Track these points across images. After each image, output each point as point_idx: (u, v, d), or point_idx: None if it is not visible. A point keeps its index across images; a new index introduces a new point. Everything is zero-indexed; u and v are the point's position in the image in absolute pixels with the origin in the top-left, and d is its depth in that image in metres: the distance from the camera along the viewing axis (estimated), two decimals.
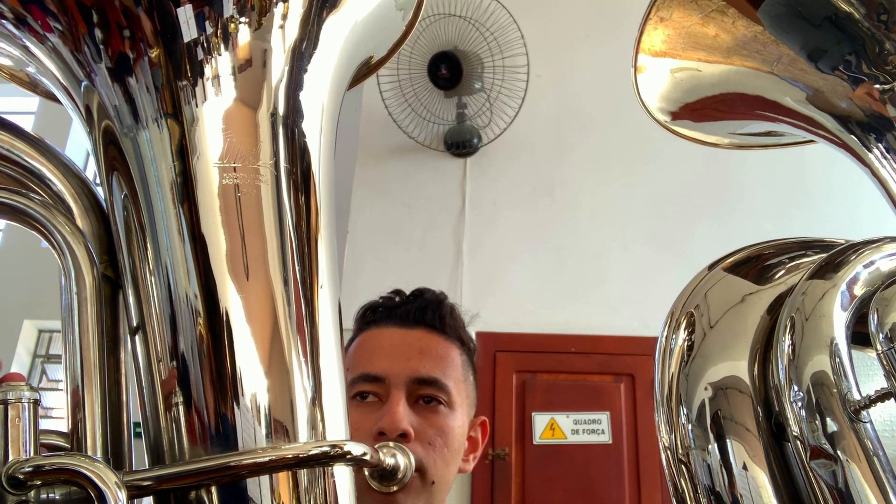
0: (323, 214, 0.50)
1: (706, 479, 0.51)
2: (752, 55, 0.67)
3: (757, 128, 0.79)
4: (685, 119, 0.80)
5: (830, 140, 0.68)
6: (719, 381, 0.53)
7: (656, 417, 0.55)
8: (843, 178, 3.63)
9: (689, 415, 0.53)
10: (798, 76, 0.65)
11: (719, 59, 0.70)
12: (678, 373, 0.54)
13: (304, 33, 0.51)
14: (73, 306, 0.46)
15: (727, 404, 0.52)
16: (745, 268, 0.59)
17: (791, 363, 0.49)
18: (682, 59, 0.72)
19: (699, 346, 0.55)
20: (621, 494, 3.12)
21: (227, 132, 0.47)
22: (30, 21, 0.47)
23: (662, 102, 0.78)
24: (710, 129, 0.82)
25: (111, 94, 0.47)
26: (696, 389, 0.53)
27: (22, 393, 0.41)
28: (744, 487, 0.49)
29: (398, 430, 0.80)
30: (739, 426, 0.51)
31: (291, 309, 0.46)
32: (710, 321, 0.55)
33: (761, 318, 0.55)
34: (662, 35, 0.72)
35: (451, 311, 0.93)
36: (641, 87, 0.77)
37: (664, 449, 0.54)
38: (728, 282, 0.58)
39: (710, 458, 0.51)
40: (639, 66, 0.75)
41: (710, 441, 0.51)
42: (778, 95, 0.68)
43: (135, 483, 0.40)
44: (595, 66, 3.89)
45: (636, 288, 3.48)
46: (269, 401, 0.44)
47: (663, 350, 0.56)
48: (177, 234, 0.45)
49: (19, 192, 0.47)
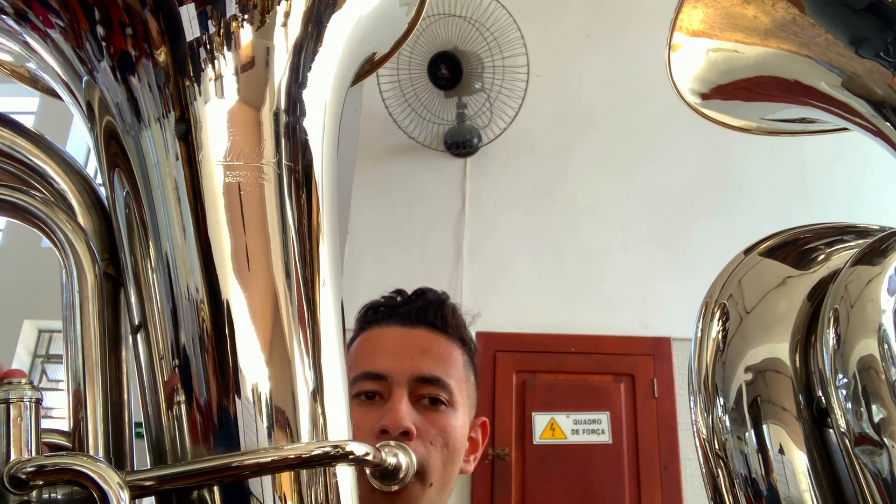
0: (325, 212, 0.50)
1: (743, 469, 0.50)
2: (789, 38, 0.65)
3: (789, 113, 0.77)
4: (716, 101, 0.78)
5: (864, 127, 0.67)
6: (759, 364, 0.52)
7: (691, 410, 0.54)
8: (843, 179, 3.63)
9: (726, 403, 0.52)
10: (835, 60, 0.63)
11: (757, 41, 0.68)
12: (714, 362, 0.53)
13: (307, 31, 0.51)
14: (74, 304, 0.46)
15: (766, 387, 0.51)
16: (782, 252, 0.58)
17: (837, 349, 0.48)
18: (719, 39, 0.70)
19: (736, 330, 0.54)
20: (621, 494, 3.12)
21: (230, 130, 0.47)
22: (31, 17, 0.47)
23: (695, 83, 0.76)
24: (740, 114, 0.80)
25: (113, 91, 0.47)
26: (733, 375, 0.52)
27: (24, 392, 0.40)
28: (780, 473, 0.48)
29: (401, 428, 0.79)
30: (778, 408, 0.50)
31: (293, 308, 0.46)
32: (747, 306, 0.54)
33: (802, 303, 0.54)
34: (701, 14, 0.70)
35: (453, 311, 0.93)
36: (674, 67, 0.75)
37: (701, 441, 0.53)
38: (766, 266, 0.57)
39: (747, 447, 0.50)
40: (673, 44, 0.73)
41: (747, 428, 0.50)
42: (814, 80, 0.67)
43: (137, 483, 0.40)
44: (595, 66, 3.90)
45: (636, 288, 3.48)
46: (272, 400, 0.44)
47: (699, 340, 0.55)
48: (179, 232, 0.45)
49: (21, 190, 0.47)
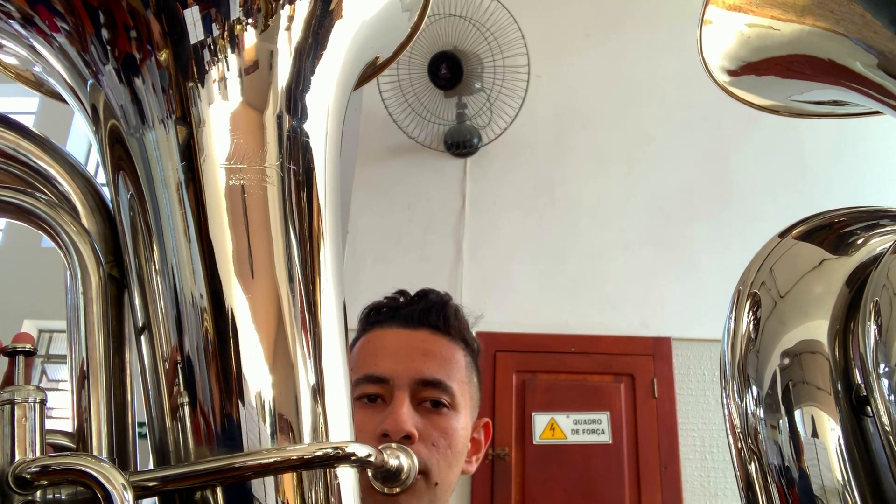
0: (328, 215, 0.50)
1: (776, 460, 0.49)
2: (826, 15, 0.64)
3: (819, 95, 0.75)
4: (746, 78, 0.75)
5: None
6: (794, 347, 0.51)
7: (723, 402, 0.54)
8: (843, 179, 3.63)
9: (760, 392, 0.51)
10: (871, 39, 0.61)
11: (793, 18, 0.66)
12: (746, 351, 0.53)
13: (311, 35, 0.51)
14: (78, 306, 0.46)
15: (801, 370, 0.50)
16: (818, 235, 0.57)
17: (880, 336, 0.47)
18: (755, 14, 0.68)
19: (771, 314, 0.53)
20: (621, 494, 3.12)
21: (233, 133, 0.47)
22: (37, 21, 0.47)
23: (725, 60, 0.73)
24: (768, 94, 0.78)
25: (118, 94, 0.47)
26: (768, 361, 0.51)
27: (28, 393, 0.41)
28: (812, 458, 0.48)
29: (402, 432, 0.79)
30: (813, 388, 0.49)
31: (296, 310, 0.46)
32: (781, 291, 0.53)
33: (841, 288, 0.53)
34: None
35: (455, 313, 0.92)
36: (705, 43, 0.72)
37: (734, 434, 0.52)
38: (800, 249, 0.56)
39: (780, 435, 0.49)
40: (706, 18, 0.70)
41: (781, 414, 0.50)
42: (849, 60, 0.65)
43: (141, 483, 0.40)
44: (595, 66, 3.90)
45: (636, 288, 3.48)
46: (274, 402, 0.44)
47: (731, 330, 0.55)
48: (183, 235, 0.45)
49: (26, 192, 0.47)
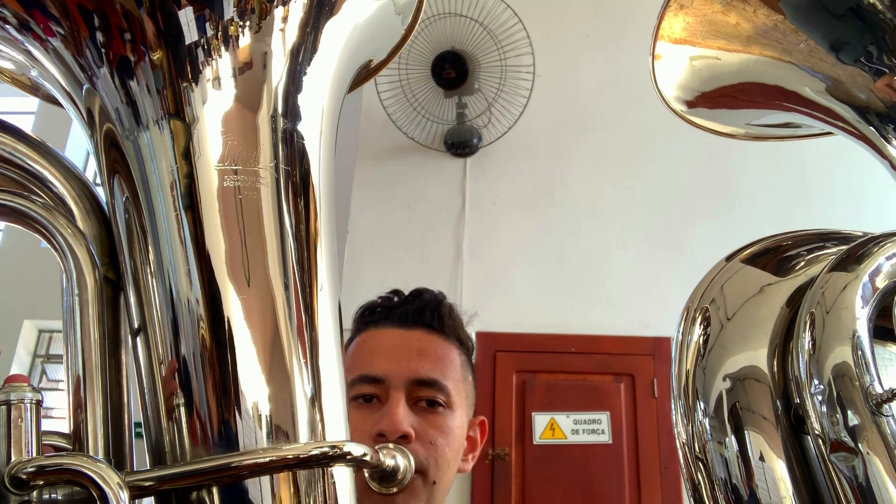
0: (323, 216, 0.51)
1: (723, 473, 0.50)
2: (771, 44, 0.66)
3: (774, 119, 0.78)
4: (702, 108, 0.78)
5: (848, 131, 0.67)
6: (737, 372, 0.52)
7: (673, 413, 0.55)
8: (844, 179, 3.63)
9: (707, 408, 0.52)
10: (817, 66, 0.64)
11: (739, 48, 0.68)
12: (694, 367, 0.54)
13: (304, 36, 0.51)
14: (74, 308, 0.46)
15: (745, 395, 0.51)
16: (763, 259, 0.58)
17: (812, 355, 0.48)
18: (701, 46, 0.71)
19: (717, 338, 0.54)
20: (621, 494, 3.12)
21: (227, 135, 0.47)
22: (32, 26, 0.47)
23: (679, 91, 0.76)
24: (726, 120, 0.81)
25: (112, 97, 0.47)
26: (713, 382, 0.52)
27: (24, 394, 0.41)
28: (760, 479, 0.49)
29: (399, 432, 0.79)
30: (757, 416, 0.50)
31: (291, 310, 0.47)
32: (728, 313, 0.54)
33: (780, 310, 0.54)
34: (682, 22, 0.70)
35: (449, 312, 0.93)
36: (658, 76, 0.75)
37: (681, 445, 0.53)
38: (746, 273, 0.57)
39: (728, 452, 0.50)
40: (656, 53, 0.73)
41: (727, 434, 0.51)
42: (797, 86, 0.67)
43: (137, 483, 0.40)
44: (595, 67, 3.90)
45: (636, 288, 3.48)
46: (270, 402, 0.44)
47: (680, 344, 0.56)
48: (177, 237, 0.46)
49: (21, 195, 0.47)
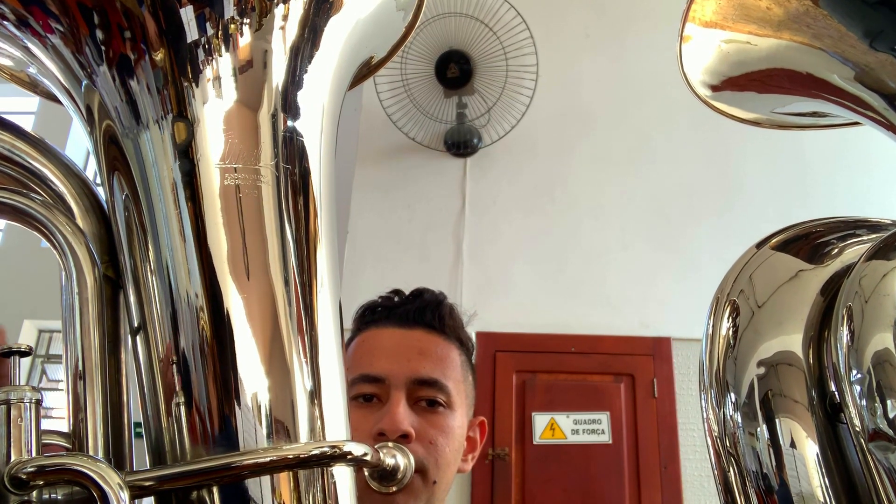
0: (323, 215, 0.51)
1: (754, 465, 0.49)
2: (802, 30, 0.64)
3: (800, 107, 0.76)
4: (726, 94, 0.77)
5: (876, 121, 0.66)
6: (771, 358, 0.51)
7: (702, 407, 0.54)
8: (845, 179, 3.63)
9: (738, 399, 0.51)
10: (848, 53, 0.62)
11: (769, 33, 0.67)
12: (724, 358, 0.53)
13: (305, 34, 0.51)
14: (74, 306, 0.46)
15: (778, 381, 0.50)
16: (796, 245, 0.58)
17: (852, 342, 0.47)
18: (731, 30, 0.69)
19: (748, 324, 0.53)
20: (621, 494, 3.12)
21: (228, 133, 0.47)
22: (31, 22, 0.47)
23: (706, 75, 0.75)
24: (750, 107, 0.79)
25: (112, 95, 0.47)
26: (745, 370, 0.52)
27: (24, 393, 0.41)
28: (791, 468, 0.48)
29: (399, 432, 0.80)
30: (791, 402, 0.49)
31: (292, 309, 0.47)
32: (759, 300, 0.54)
33: (815, 298, 0.53)
34: (714, 5, 0.69)
35: (450, 311, 0.93)
36: (685, 59, 0.74)
37: (712, 438, 0.53)
38: (778, 259, 0.56)
39: (759, 442, 0.50)
40: (685, 35, 0.72)
41: (759, 423, 0.50)
42: (826, 73, 0.66)
43: (137, 483, 0.40)
44: (596, 67, 3.90)
45: (636, 288, 3.48)
46: (270, 401, 0.44)
47: (710, 336, 0.55)
48: (178, 235, 0.46)
49: (20, 193, 0.47)
